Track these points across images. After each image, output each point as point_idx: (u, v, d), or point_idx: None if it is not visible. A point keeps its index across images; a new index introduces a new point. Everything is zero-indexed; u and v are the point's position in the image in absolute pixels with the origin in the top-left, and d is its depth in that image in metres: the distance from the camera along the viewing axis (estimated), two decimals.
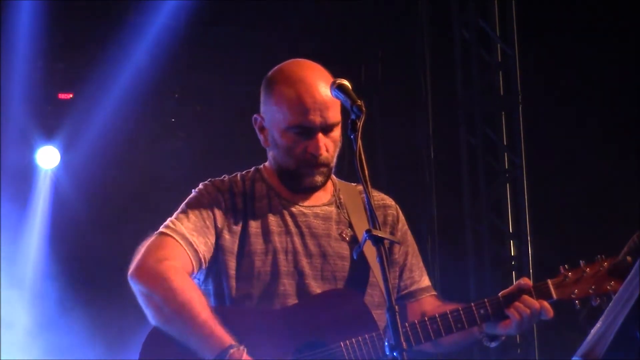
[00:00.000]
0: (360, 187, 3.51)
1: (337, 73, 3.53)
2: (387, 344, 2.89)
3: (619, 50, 7.27)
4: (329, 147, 3.57)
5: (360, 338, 3.45)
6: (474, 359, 7.53)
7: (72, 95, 7.82)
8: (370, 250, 3.06)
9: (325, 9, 7.79)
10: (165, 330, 3.44)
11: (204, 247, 3.54)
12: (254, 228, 3.60)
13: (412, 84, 8.01)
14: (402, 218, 3.79)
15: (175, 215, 3.59)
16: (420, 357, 3.63)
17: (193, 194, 3.66)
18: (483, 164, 7.84)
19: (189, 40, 7.72)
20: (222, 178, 3.70)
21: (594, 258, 3.54)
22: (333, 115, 3.54)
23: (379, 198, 3.77)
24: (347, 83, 3.28)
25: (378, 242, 2.99)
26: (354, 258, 3.51)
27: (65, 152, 7.82)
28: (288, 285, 3.56)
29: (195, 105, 8.17)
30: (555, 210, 7.67)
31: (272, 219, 3.62)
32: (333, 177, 3.72)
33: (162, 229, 3.56)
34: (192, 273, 3.52)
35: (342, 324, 3.47)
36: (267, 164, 3.73)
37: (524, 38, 7.73)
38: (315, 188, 3.65)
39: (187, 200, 3.64)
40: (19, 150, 7.69)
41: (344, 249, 3.63)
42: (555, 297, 3.51)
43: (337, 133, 3.58)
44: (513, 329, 3.51)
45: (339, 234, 3.66)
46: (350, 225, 3.67)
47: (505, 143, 7.82)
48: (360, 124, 3.11)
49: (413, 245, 3.81)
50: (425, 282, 3.79)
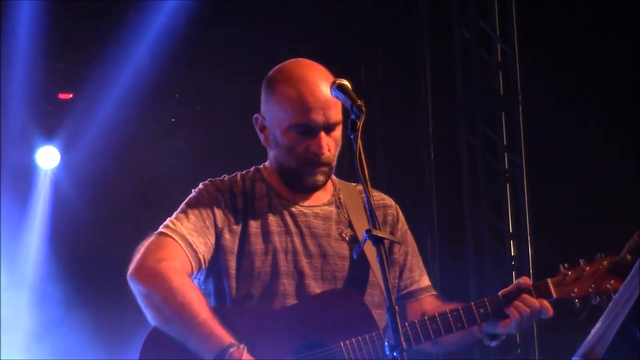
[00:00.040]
0: (360, 186, 3.51)
1: (337, 73, 3.53)
2: (387, 344, 2.88)
3: (619, 50, 7.27)
4: (331, 146, 3.56)
5: (360, 338, 3.45)
6: (474, 359, 7.53)
7: (72, 95, 7.82)
8: (370, 250, 3.06)
9: (325, 9, 7.79)
10: (165, 331, 3.43)
11: (204, 247, 3.54)
12: (254, 228, 3.60)
13: (412, 84, 8.01)
14: (401, 218, 3.79)
15: (175, 216, 3.58)
16: (420, 357, 3.62)
17: (193, 194, 3.65)
18: (483, 164, 7.84)
19: (189, 40, 7.72)
20: (222, 178, 3.69)
21: (594, 257, 3.54)
22: (335, 115, 3.54)
23: (379, 198, 3.77)
24: (347, 83, 3.28)
25: (378, 242, 2.99)
26: (354, 258, 3.51)
27: (65, 152, 7.82)
28: (288, 285, 3.56)
29: (195, 105, 8.17)
30: (555, 210, 7.67)
31: (272, 219, 3.62)
32: (333, 176, 3.72)
33: (161, 229, 3.55)
34: (191, 273, 3.51)
35: (342, 324, 3.47)
36: (267, 164, 3.72)
37: (524, 38, 7.73)
38: (317, 187, 3.64)
39: (186, 200, 3.63)
40: (19, 150, 7.69)
41: (344, 249, 3.63)
42: (555, 296, 3.51)
43: (338, 132, 3.58)
44: (513, 328, 3.50)
45: (339, 234, 3.65)
46: (350, 225, 3.67)
47: (505, 143, 7.82)
48: (360, 124, 3.11)
49: (413, 245, 3.81)
50: (425, 281, 3.79)
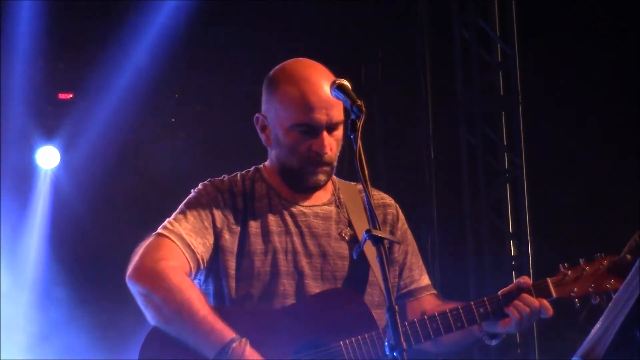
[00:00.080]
0: (360, 186, 3.50)
1: (337, 73, 3.53)
2: (387, 344, 2.88)
3: (619, 50, 7.27)
4: (333, 146, 3.56)
5: (360, 337, 3.45)
6: (474, 359, 7.53)
7: (72, 95, 7.82)
8: (370, 250, 3.05)
9: (325, 9, 7.79)
10: (166, 330, 3.43)
11: (202, 247, 3.53)
12: (254, 228, 3.60)
13: (412, 84, 8.01)
14: (401, 217, 3.78)
15: (174, 216, 3.58)
16: (420, 356, 3.62)
17: (192, 195, 3.65)
18: (483, 164, 7.84)
19: (189, 40, 7.71)
20: (221, 178, 3.69)
21: (594, 256, 3.54)
22: (337, 114, 3.54)
23: (379, 197, 3.77)
24: (347, 83, 3.28)
25: (378, 242, 2.98)
26: (354, 258, 3.51)
27: (65, 152, 7.81)
28: (288, 285, 3.56)
29: (195, 105, 8.16)
30: (555, 210, 7.67)
31: (271, 219, 3.61)
32: (333, 176, 3.71)
33: (159, 230, 3.55)
34: (190, 273, 3.51)
35: (341, 324, 3.47)
36: (267, 164, 3.72)
37: (524, 38, 7.73)
38: (318, 187, 3.64)
39: (185, 201, 3.63)
40: (19, 150, 7.68)
41: (344, 249, 3.63)
42: (555, 295, 3.51)
43: (340, 132, 3.57)
44: (513, 328, 3.50)
45: (339, 234, 3.65)
46: (350, 225, 3.66)
47: (505, 143, 7.82)
48: (360, 124, 3.10)
49: (413, 244, 3.80)
50: (425, 280, 3.79)
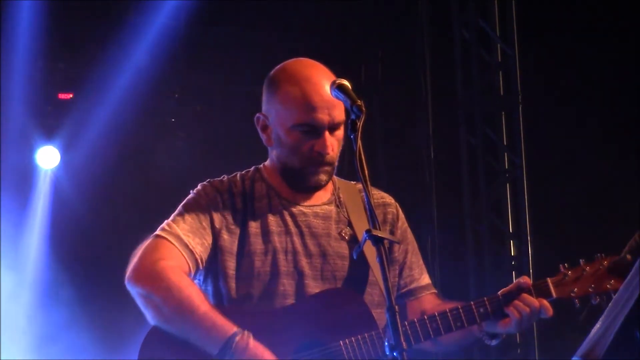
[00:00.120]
0: (360, 185, 3.50)
1: (337, 73, 3.53)
2: (386, 344, 2.88)
3: (619, 50, 7.27)
4: (334, 146, 3.56)
5: (360, 337, 3.44)
6: (474, 359, 7.53)
7: (72, 95, 7.82)
8: (370, 250, 3.05)
9: (325, 9, 7.79)
10: (167, 329, 3.43)
11: (200, 247, 3.53)
12: (254, 228, 3.59)
13: (412, 84, 8.01)
14: (401, 216, 3.78)
15: (172, 218, 3.58)
16: (420, 356, 3.62)
17: (190, 196, 3.64)
18: (483, 164, 7.84)
19: (189, 40, 7.72)
20: (221, 178, 3.68)
21: (594, 257, 3.54)
22: (339, 114, 3.53)
23: (379, 196, 3.76)
24: (347, 83, 3.27)
25: (378, 242, 2.98)
26: (354, 258, 3.51)
27: (65, 152, 7.81)
28: (288, 286, 3.55)
29: (195, 105, 8.16)
30: (555, 210, 7.67)
31: (271, 219, 3.61)
32: (333, 175, 3.71)
33: (157, 232, 3.55)
34: (189, 274, 3.50)
35: (341, 323, 3.47)
36: (267, 163, 3.71)
37: (524, 38, 7.73)
38: (319, 187, 3.64)
39: (183, 202, 3.63)
40: (19, 150, 7.68)
41: (344, 248, 3.63)
42: (555, 295, 3.51)
43: (341, 132, 3.57)
44: (513, 328, 3.50)
45: (339, 233, 3.65)
46: (350, 224, 3.66)
47: (505, 143, 7.82)
48: (360, 124, 3.10)
49: (413, 243, 3.80)
50: (425, 280, 3.78)
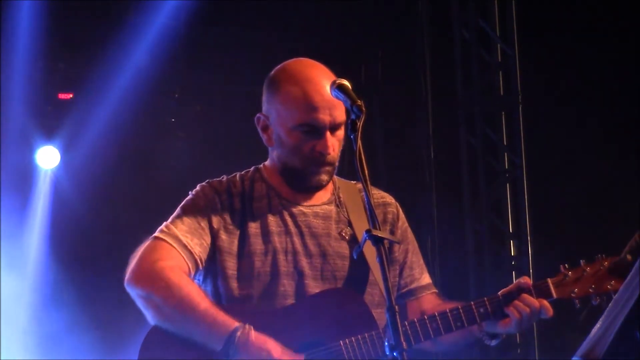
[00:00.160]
0: (360, 185, 3.49)
1: (337, 73, 3.53)
2: (387, 344, 2.87)
3: (619, 50, 7.27)
4: (335, 146, 3.56)
5: (360, 337, 3.44)
6: (474, 359, 7.52)
7: (72, 95, 7.81)
8: (370, 249, 3.04)
9: (325, 9, 7.79)
10: (168, 329, 3.43)
11: (199, 248, 3.53)
12: (253, 228, 3.59)
13: (412, 84, 8.01)
14: (402, 216, 3.77)
15: (170, 220, 3.59)
16: (420, 356, 3.62)
17: (189, 197, 3.65)
18: (483, 164, 7.84)
19: (189, 40, 7.71)
20: (220, 179, 3.68)
21: (594, 257, 3.53)
22: (340, 114, 3.52)
23: (379, 196, 3.76)
24: (347, 83, 3.26)
25: (378, 242, 2.97)
26: (354, 258, 3.51)
27: (65, 152, 7.81)
28: (288, 286, 3.55)
29: (195, 105, 8.16)
30: (555, 210, 7.67)
31: (271, 219, 3.61)
32: (333, 175, 3.71)
33: (155, 234, 3.56)
34: (188, 274, 3.50)
35: (341, 323, 3.46)
36: (267, 163, 3.71)
37: (524, 38, 7.73)
38: (320, 187, 3.63)
39: (182, 204, 3.63)
40: (19, 150, 7.68)
41: (344, 248, 3.62)
42: (555, 296, 3.50)
43: (342, 132, 3.56)
44: (513, 328, 3.50)
45: (339, 233, 3.64)
46: (350, 224, 3.66)
47: (505, 143, 7.82)
48: (360, 124, 3.09)
49: (413, 243, 3.80)
50: (426, 279, 3.78)
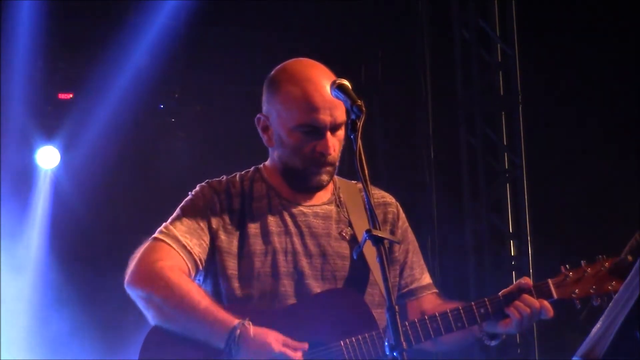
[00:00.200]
0: (361, 184, 3.49)
1: (337, 73, 3.52)
2: (387, 344, 2.87)
3: (619, 50, 7.27)
4: (336, 146, 3.55)
5: (360, 337, 3.44)
6: (474, 359, 7.53)
7: (72, 95, 7.82)
8: (371, 250, 3.03)
9: (325, 9, 7.79)
10: (169, 328, 3.43)
11: (199, 248, 3.53)
12: (253, 229, 3.59)
13: (412, 84, 8.01)
14: (402, 215, 3.77)
15: (169, 220, 3.59)
16: (420, 356, 3.62)
17: (188, 197, 3.64)
18: (483, 164, 7.84)
19: (189, 40, 7.72)
20: (219, 179, 3.68)
21: (595, 258, 3.53)
22: (341, 115, 3.52)
23: (379, 196, 3.75)
24: (347, 83, 3.26)
25: (378, 242, 2.97)
26: (354, 258, 3.50)
27: (65, 152, 7.81)
28: (288, 286, 3.55)
29: (195, 105, 8.17)
30: (555, 210, 7.67)
31: (271, 219, 3.61)
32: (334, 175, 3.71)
33: (155, 235, 3.56)
34: (188, 274, 3.50)
35: (342, 323, 3.46)
36: (267, 163, 3.71)
37: (524, 38, 7.73)
38: (321, 187, 3.63)
39: (181, 205, 3.63)
40: (19, 150, 7.68)
41: (344, 248, 3.62)
42: (556, 296, 3.50)
43: (342, 132, 3.56)
44: (513, 328, 3.50)
45: (339, 233, 3.64)
46: (350, 224, 3.65)
47: (505, 143, 7.82)
48: (360, 124, 3.09)
49: (414, 243, 3.79)
50: (426, 279, 3.77)
